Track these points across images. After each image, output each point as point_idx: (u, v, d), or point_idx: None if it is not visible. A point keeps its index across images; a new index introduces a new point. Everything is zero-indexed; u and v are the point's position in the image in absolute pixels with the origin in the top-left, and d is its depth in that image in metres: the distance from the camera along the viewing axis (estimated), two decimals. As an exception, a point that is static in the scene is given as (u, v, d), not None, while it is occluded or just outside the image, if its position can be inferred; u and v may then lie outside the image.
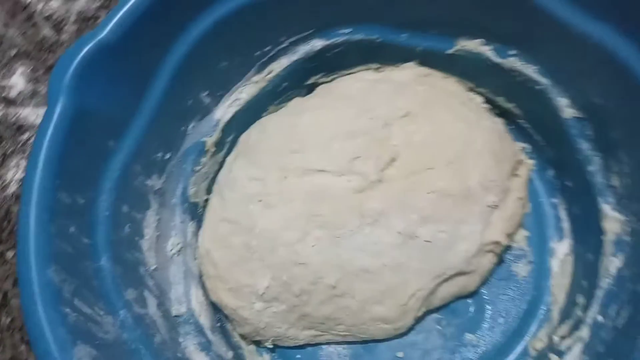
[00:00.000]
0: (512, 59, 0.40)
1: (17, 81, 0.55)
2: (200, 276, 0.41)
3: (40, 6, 0.59)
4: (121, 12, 0.34)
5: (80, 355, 0.26)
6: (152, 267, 0.37)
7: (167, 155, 0.40)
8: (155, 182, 0.39)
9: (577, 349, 0.32)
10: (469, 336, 0.39)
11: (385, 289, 0.37)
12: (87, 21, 0.58)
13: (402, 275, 0.37)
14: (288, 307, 0.38)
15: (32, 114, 0.54)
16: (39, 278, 0.27)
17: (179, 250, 0.40)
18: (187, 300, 0.38)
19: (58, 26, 0.58)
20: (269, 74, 0.45)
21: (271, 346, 0.40)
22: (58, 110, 0.31)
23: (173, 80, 0.38)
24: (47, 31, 0.58)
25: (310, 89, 0.47)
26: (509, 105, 0.43)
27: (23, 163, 0.51)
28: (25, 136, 0.52)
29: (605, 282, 0.32)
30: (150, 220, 0.38)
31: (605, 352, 0.29)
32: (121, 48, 0.34)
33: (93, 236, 0.32)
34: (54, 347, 0.25)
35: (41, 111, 0.54)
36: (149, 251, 0.37)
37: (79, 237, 0.31)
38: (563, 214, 0.41)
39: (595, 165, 0.36)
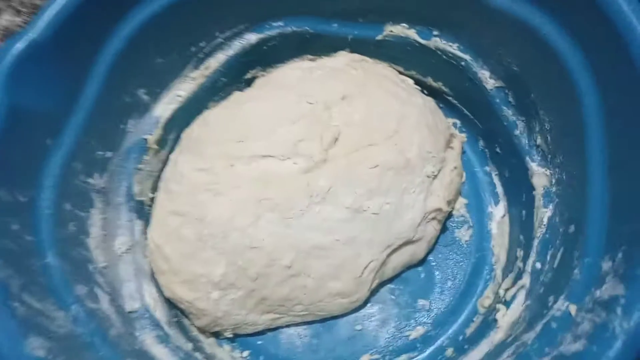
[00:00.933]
0: (435, 39, 0.42)
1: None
2: (152, 273, 0.40)
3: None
4: (50, 10, 0.34)
5: (33, 346, 0.25)
6: (101, 265, 0.36)
7: (108, 154, 0.39)
8: (97, 181, 0.38)
9: (521, 295, 0.34)
10: (421, 302, 0.41)
11: (339, 264, 0.38)
12: (12, 36, 0.56)
13: (355, 248, 0.38)
14: (245, 292, 0.38)
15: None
16: (-18, 274, 0.26)
17: (128, 249, 0.39)
18: (140, 296, 0.38)
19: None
20: (206, 69, 0.45)
21: (231, 335, 0.40)
22: (-8, 109, 0.31)
23: (108, 77, 0.38)
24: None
25: (249, 83, 0.48)
26: (438, 84, 0.46)
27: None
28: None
29: (539, 232, 0.35)
30: (95, 219, 0.37)
31: (544, 291, 0.32)
32: (52, 46, 0.34)
33: (37, 234, 0.31)
34: (3, 337, 0.24)
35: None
36: (97, 249, 0.36)
37: (22, 234, 0.30)
38: (496, 179, 0.44)
39: (519, 129, 0.39)
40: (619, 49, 0.29)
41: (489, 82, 0.41)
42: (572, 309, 0.27)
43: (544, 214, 0.35)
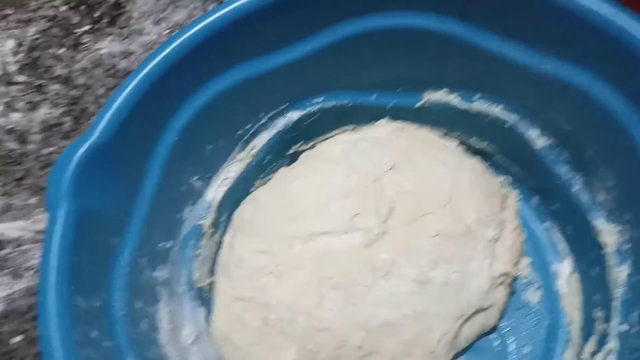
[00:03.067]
0: (477, 102, 0.43)
1: (-12, 197, 0.54)
2: (221, 362, 0.39)
3: (1, 120, 0.58)
4: (110, 113, 0.35)
5: None
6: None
7: (169, 244, 0.39)
8: (161, 273, 0.38)
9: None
10: (499, 372, 0.39)
11: (411, 339, 0.37)
12: (51, 129, 0.58)
13: (425, 322, 0.37)
14: (318, 377, 0.37)
15: (9, 229, 0.52)
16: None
17: (195, 339, 0.38)
18: (213, 389, 0.37)
19: (22, 137, 0.58)
20: (252, 149, 0.46)
21: (305, 423, 0.39)
22: (62, 215, 0.31)
23: (165, 170, 0.39)
24: (11, 144, 0.57)
25: (293, 158, 0.48)
26: (483, 145, 0.46)
27: (5, 280, 0.49)
28: (5, 251, 0.50)
29: (619, 292, 0.33)
30: (162, 313, 0.37)
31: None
32: (113, 147, 0.35)
33: (113, 338, 0.31)
34: None
35: (18, 224, 0.52)
36: (168, 345, 0.36)
37: (101, 341, 0.30)
38: (557, 235, 0.43)
39: (577, 186, 0.38)
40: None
41: (539, 141, 0.40)
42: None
43: (619, 273, 0.34)
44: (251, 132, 0.45)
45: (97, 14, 0.61)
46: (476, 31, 0.37)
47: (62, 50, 0.59)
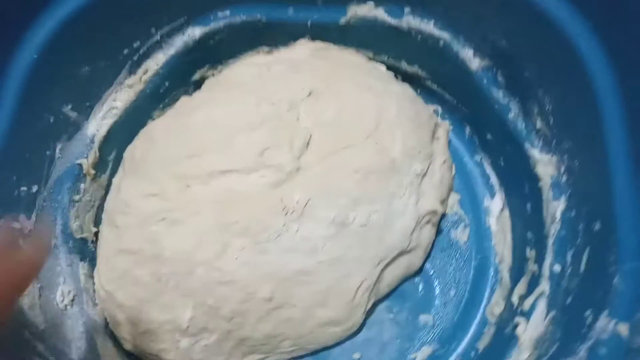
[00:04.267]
0: (407, 17, 0.37)
1: None
2: (107, 325, 0.34)
3: None
4: None
5: None
6: (41, 327, 0.29)
7: (34, 188, 0.32)
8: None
9: (542, 304, 0.30)
10: (424, 317, 0.36)
11: (327, 288, 0.33)
12: None
13: (343, 268, 0.33)
14: (220, 335, 0.32)
15: None
16: None
17: (72, 300, 0.32)
18: (95, 356, 0.32)
19: None
20: (144, 74, 0.39)
21: (210, 385, 0.34)
22: None
23: (23, 96, 0.32)
24: None
25: (199, 85, 0.41)
26: (413, 69, 0.41)
27: None
28: None
29: (553, 229, 0.30)
30: (25, 271, 0.30)
31: (573, 301, 0.27)
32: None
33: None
34: None
35: None
36: (33, 309, 0.30)
37: None
38: (489, 169, 0.39)
39: (514, 112, 0.35)
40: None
41: (474, 61, 0.36)
42: (623, 328, 0.23)
43: (555, 207, 0.31)
44: (141, 51, 0.38)
45: None
46: None
47: None
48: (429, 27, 0.37)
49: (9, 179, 0.31)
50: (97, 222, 0.37)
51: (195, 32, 0.39)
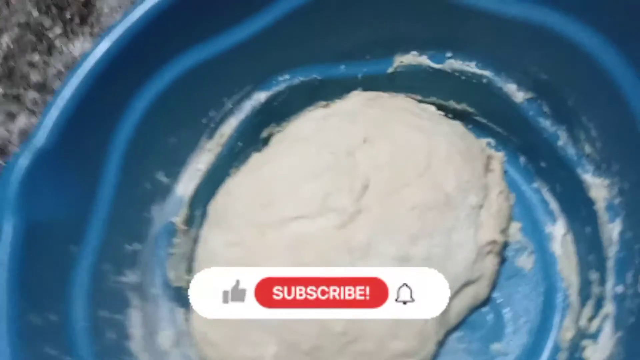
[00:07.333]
0: (449, 61, 0.40)
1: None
2: (202, 363, 0.38)
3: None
4: (53, 115, 0.32)
5: None
6: (147, 369, 0.34)
7: (137, 246, 0.38)
8: (130, 277, 0.36)
9: (608, 326, 0.30)
10: (495, 346, 0.37)
11: (397, 321, 0.35)
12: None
13: (409, 301, 0.35)
14: (302, 369, 0.35)
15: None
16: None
17: (174, 342, 0.37)
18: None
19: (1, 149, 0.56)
20: (220, 138, 0.44)
21: (295, 416, 0.37)
22: (8, 231, 0.29)
23: (123, 168, 0.37)
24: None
25: (266, 142, 0.46)
26: (462, 106, 0.43)
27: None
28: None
29: (612, 251, 0.31)
30: (134, 319, 0.35)
31: (637, 321, 0.28)
32: (60, 151, 0.32)
33: (74, 352, 0.29)
34: None
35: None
36: (143, 352, 0.34)
37: (59, 357, 0.28)
38: (548, 195, 0.40)
39: (563, 139, 0.36)
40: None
41: (518, 95, 0.38)
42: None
43: (611, 230, 0.31)
44: (217, 119, 0.43)
45: (68, 15, 0.58)
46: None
47: (36, 56, 0.57)
48: (470, 67, 0.39)
49: (116, 240, 0.36)
50: (189, 271, 0.41)
51: (260, 96, 0.43)
